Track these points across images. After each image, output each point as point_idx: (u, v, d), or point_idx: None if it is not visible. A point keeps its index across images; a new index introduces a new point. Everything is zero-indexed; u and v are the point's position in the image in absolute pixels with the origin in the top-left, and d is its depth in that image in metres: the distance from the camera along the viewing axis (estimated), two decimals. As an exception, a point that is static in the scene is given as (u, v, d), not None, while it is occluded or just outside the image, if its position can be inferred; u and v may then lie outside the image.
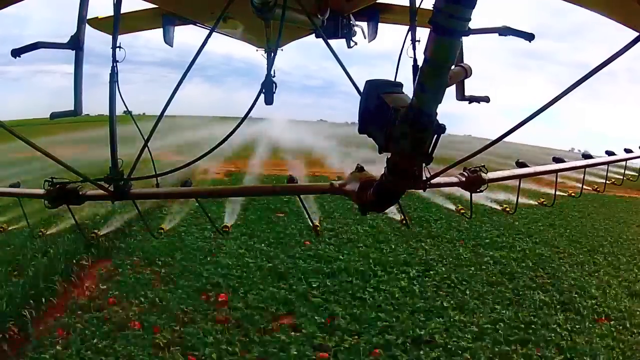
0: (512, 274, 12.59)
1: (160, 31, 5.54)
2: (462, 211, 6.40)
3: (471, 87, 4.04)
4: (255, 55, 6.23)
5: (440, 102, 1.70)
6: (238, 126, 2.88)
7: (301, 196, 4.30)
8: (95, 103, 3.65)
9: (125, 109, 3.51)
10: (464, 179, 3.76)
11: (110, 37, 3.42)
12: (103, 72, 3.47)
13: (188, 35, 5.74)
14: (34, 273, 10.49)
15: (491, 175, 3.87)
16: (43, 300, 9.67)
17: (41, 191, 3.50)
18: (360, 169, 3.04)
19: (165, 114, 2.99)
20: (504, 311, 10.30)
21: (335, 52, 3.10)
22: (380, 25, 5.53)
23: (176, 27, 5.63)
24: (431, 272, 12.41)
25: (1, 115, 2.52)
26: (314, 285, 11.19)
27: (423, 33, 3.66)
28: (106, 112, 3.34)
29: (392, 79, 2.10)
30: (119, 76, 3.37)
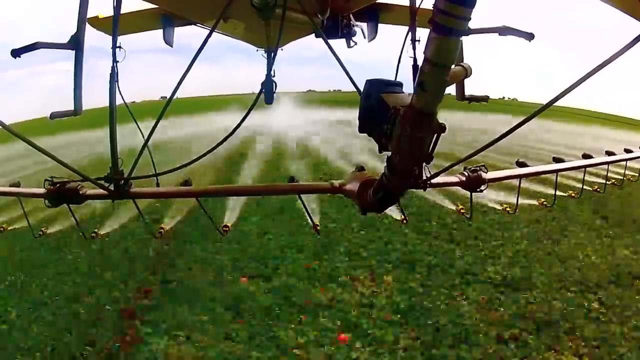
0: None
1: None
2: (462, 211, 6.36)
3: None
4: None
5: (440, 102, 1.70)
6: (239, 126, 2.88)
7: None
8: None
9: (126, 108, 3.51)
10: (464, 178, 3.77)
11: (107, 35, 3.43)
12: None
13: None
14: None
15: (491, 174, 3.87)
16: None
17: (41, 190, 3.50)
18: (360, 169, 3.04)
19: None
20: None
21: (335, 52, 3.10)
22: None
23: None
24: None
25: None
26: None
27: (423, 33, 3.68)
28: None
29: (392, 79, 2.10)
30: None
